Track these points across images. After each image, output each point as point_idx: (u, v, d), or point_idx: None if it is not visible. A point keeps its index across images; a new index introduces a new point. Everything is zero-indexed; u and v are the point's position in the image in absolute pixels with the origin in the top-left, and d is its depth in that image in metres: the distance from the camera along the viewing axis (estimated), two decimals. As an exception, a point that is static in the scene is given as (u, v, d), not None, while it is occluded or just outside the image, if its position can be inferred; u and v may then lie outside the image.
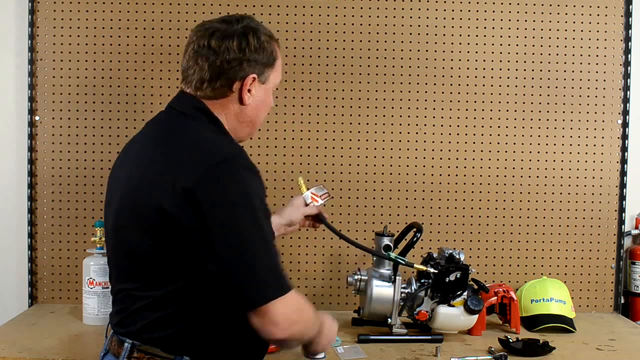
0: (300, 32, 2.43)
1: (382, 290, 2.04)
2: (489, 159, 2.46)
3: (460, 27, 2.45)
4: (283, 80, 2.39)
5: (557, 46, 2.46)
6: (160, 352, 1.41)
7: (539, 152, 2.46)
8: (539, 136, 2.46)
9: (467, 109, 2.46)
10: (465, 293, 2.01)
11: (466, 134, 2.46)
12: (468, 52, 2.45)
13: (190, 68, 1.48)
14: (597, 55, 2.46)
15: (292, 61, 2.43)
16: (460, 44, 2.45)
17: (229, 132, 1.52)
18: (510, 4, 2.45)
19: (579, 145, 2.47)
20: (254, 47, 1.48)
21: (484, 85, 2.45)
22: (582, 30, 2.45)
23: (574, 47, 2.46)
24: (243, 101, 1.49)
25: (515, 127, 2.46)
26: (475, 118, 2.46)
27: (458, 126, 2.46)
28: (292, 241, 2.41)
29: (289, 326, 1.37)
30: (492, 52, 2.45)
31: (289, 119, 2.43)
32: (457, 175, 2.46)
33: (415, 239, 2.04)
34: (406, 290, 2.05)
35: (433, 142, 2.45)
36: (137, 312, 1.43)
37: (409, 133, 2.45)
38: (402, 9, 2.44)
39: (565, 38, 2.45)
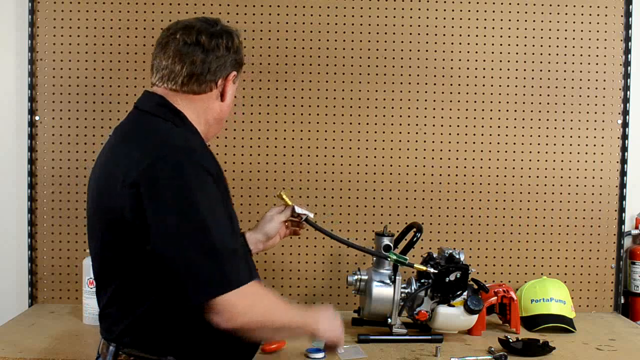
0: (300, 32, 2.43)
1: (382, 290, 2.04)
2: (489, 159, 2.46)
3: (460, 27, 2.45)
4: (283, 80, 2.43)
5: (557, 46, 2.46)
6: (143, 354, 1.42)
7: (539, 152, 2.46)
8: (539, 136, 2.46)
9: (467, 109, 2.46)
10: (465, 293, 2.01)
11: (466, 134, 2.46)
12: (468, 52, 2.45)
13: (175, 64, 1.49)
14: (597, 55, 2.46)
15: (292, 61, 2.43)
16: (460, 44, 2.45)
17: (200, 128, 1.52)
18: (510, 4, 2.45)
19: (579, 145, 2.47)
20: (236, 48, 1.55)
21: (484, 85, 2.45)
22: (582, 30, 2.45)
23: (574, 47, 2.46)
24: (224, 97, 1.54)
25: (515, 127, 2.46)
26: (475, 118, 2.46)
27: (458, 126, 2.46)
28: (292, 241, 2.41)
29: (234, 318, 1.34)
30: (492, 52, 2.45)
31: (289, 119, 2.44)
32: (457, 175, 2.46)
33: (415, 239, 2.04)
34: (406, 290, 2.05)
35: (433, 142, 2.45)
36: (113, 313, 1.45)
37: (409, 133, 2.45)
38: (402, 9, 2.44)
39: (565, 38, 2.45)
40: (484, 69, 2.45)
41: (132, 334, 1.42)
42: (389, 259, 2.00)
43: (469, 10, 2.45)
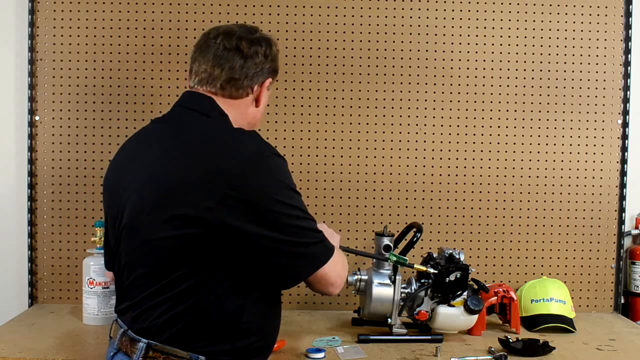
0: (300, 32, 2.43)
1: (382, 290, 2.04)
2: (489, 159, 2.46)
3: (460, 27, 2.45)
4: (283, 80, 2.44)
5: (557, 46, 2.46)
6: (177, 352, 1.41)
7: (539, 152, 2.47)
8: (539, 136, 2.46)
9: (467, 109, 2.46)
10: (465, 293, 2.01)
11: (466, 134, 2.46)
12: (468, 52, 2.45)
13: (214, 68, 1.54)
14: (597, 55, 2.46)
15: (292, 61, 2.43)
16: (460, 44, 2.45)
17: None
18: (510, 4, 2.45)
19: (579, 145, 2.47)
20: (273, 55, 1.62)
21: (484, 85, 2.45)
22: (582, 30, 2.45)
23: (574, 47, 2.46)
24: (258, 103, 1.60)
25: (515, 127, 2.46)
26: (475, 118, 2.46)
27: (458, 126, 2.46)
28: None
29: (342, 281, 1.53)
30: (492, 52, 2.45)
31: (289, 119, 2.44)
32: (457, 175, 2.46)
33: (415, 239, 2.04)
34: (406, 290, 2.05)
35: (433, 142, 2.45)
36: (154, 307, 1.42)
37: (409, 133, 2.45)
38: (402, 9, 2.44)
39: (565, 38, 2.45)
40: (484, 69, 2.45)
41: (173, 327, 1.41)
42: (389, 261, 2.00)
43: (469, 10, 2.45)
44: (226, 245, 1.39)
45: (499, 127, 2.46)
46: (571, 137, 2.47)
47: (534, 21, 2.45)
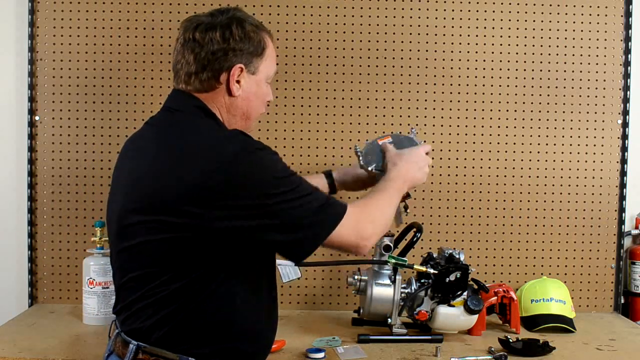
0: (300, 32, 2.43)
1: (382, 290, 2.04)
2: (489, 159, 2.46)
3: (460, 27, 2.45)
4: (283, 80, 2.42)
5: (557, 46, 2.46)
6: (166, 353, 1.41)
7: (539, 152, 2.47)
8: (539, 136, 2.47)
9: (467, 109, 2.46)
10: (465, 293, 2.01)
11: (466, 134, 2.46)
12: (468, 52, 2.45)
13: (178, 62, 1.50)
14: (597, 55, 2.46)
15: (292, 61, 2.43)
16: (460, 44, 2.45)
17: (226, 124, 1.53)
18: (510, 4, 2.45)
19: (579, 145, 2.47)
20: (239, 37, 1.47)
21: (484, 85, 2.45)
22: (582, 30, 2.45)
23: (574, 47, 2.46)
24: (231, 92, 1.49)
25: (515, 127, 2.46)
26: (475, 118, 2.46)
27: (458, 126, 2.46)
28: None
29: (367, 236, 1.51)
30: (492, 52, 2.45)
31: (288, 118, 2.44)
32: (457, 175, 2.46)
33: (415, 239, 2.04)
34: (406, 291, 2.05)
35: (433, 142, 2.45)
36: (143, 309, 1.42)
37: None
38: (402, 9, 2.44)
39: (565, 38, 2.46)
40: (484, 69, 2.45)
41: (161, 329, 1.41)
42: (388, 264, 2.00)
43: (469, 10, 2.45)
44: (216, 247, 1.37)
45: (499, 127, 2.46)
46: (571, 137, 2.47)
47: (534, 21, 2.45)
